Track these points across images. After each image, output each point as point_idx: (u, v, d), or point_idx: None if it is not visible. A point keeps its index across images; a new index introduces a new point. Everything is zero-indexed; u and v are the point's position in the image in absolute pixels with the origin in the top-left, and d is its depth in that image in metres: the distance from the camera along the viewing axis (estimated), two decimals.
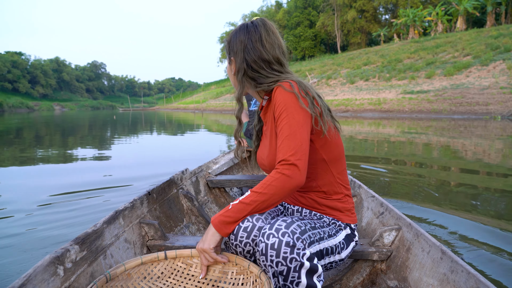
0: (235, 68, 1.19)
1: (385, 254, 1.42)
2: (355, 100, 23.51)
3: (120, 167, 5.07)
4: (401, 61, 28.66)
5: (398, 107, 20.02)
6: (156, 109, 66.17)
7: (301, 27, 56.76)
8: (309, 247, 1.03)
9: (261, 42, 1.15)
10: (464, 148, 6.75)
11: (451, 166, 4.91)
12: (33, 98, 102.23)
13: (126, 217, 1.46)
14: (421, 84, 22.62)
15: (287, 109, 1.05)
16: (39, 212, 2.89)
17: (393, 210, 1.58)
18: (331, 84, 30.33)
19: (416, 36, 41.42)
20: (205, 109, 40.70)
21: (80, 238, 1.15)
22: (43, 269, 0.96)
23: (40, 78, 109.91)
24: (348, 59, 37.29)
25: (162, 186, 1.91)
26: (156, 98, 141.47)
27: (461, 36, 30.53)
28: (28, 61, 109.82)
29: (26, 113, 48.69)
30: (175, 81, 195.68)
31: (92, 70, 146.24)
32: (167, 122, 20.89)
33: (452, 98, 18.58)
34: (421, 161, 5.35)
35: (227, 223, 1.04)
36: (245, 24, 1.19)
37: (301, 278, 0.95)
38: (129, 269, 1.09)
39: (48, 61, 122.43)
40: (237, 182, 2.47)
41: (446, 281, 1.08)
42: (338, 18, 51.37)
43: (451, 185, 3.81)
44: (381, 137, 8.99)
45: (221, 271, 1.12)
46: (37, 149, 7.27)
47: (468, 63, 22.05)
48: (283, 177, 0.99)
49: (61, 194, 3.45)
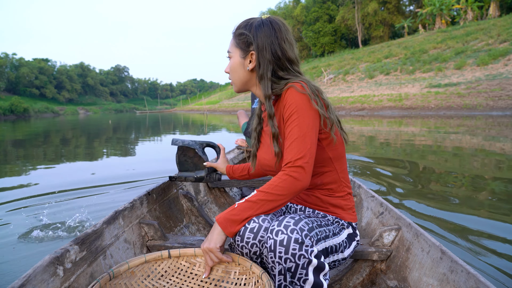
0: (253, 62, 1.17)
1: (385, 254, 1.43)
2: (373, 96, 21.14)
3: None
4: (426, 52, 25.95)
5: (423, 103, 17.43)
6: (173, 111, 67.35)
7: (320, 22, 55.23)
8: (316, 245, 1.04)
9: (286, 40, 1.16)
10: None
11: (462, 166, 4.64)
12: (59, 103, 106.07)
13: (126, 217, 1.47)
14: (450, 76, 19.92)
15: (298, 110, 1.05)
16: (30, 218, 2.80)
17: (393, 210, 1.59)
18: (348, 79, 28.04)
19: (443, 26, 38.65)
20: (216, 110, 40.77)
21: (80, 239, 1.16)
22: (42, 270, 0.97)
23: (65, 83, 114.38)
24: (368, 53, 34.90)
25: (162, 186, 1.90)
26: (178, 100, 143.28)
27: (495, 22, 27.36)
28: (55, 67, 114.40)
29: (52, 117, 50.41)
30: (197, 82, 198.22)
31: (115, 74, 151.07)
32: (175, 122, 20.98)
33: (488, 91, 15.75)
34: (430, 161, 5.06)
35: (233, 221, 1.04)
36: (266, 20, 1.17)
37: (308, 276, 0.96)
38: (133, 267, 1.10)
39: (73, 66, 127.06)
40: (237, 183, 2.46)
41: (446, 281, 1.09)
42: (359, 11, 49.44)
43: (452, 184, 3.75)
44: (402, 138, 7.98)
45: (224, 271, 1.13)
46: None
47: (506, 50, 19.20)
48: (291, 179, 1.01)
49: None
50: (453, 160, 5.15)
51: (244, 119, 3.16)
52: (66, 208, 2.98)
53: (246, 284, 1.08)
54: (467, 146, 6.42)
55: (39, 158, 6.40)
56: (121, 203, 1.53)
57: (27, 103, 74.72)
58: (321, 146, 1.14)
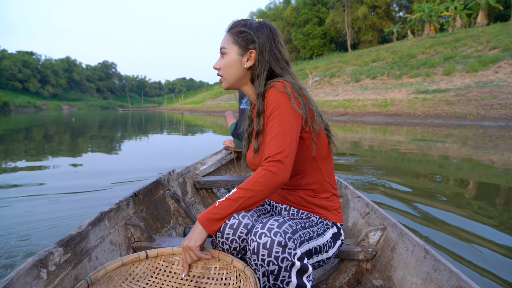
0: (251, 61, 1.18)
1: (370, 253, 1.43)
2: (357, 100, 20.18)
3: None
4: (415, 57, 25.22)
5: (409, 109, 16.49)
6: (157, 109, 66.13)
7: (310, 24, 54.74)
8: (300, 247, 1.04)
9: (281, 44, 1.20)
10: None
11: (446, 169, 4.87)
12: (43, 98, 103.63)
13: (111, 218, 1.44)
14: (438, 82, 19.09)
15: (278, 108, 1.06)
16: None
17: (379, 210, 1.60)
18: (333, 82, 27.12)
19: (432, 33, 38.32)
20: (197, 110, 40.19)
21: (64, 241, 1.14)
22: (25, 273, 0.95)
23: (50, 78, 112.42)
24: (356, 57, 34.13)
25: (148, 187, 1.88)
26: (164, 98, 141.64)
27: (484, 30, 26.85)
28: (39, 61, 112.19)
29: (34, 112, 49.33)
30: (186, 81, 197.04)
31: (102, 70, 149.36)
32: (152, 121, 19.95)
33: (479, 99, 14.86)
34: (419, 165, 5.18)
35: (213, 220, 1.04)
36: (263, 23, 1.20)
37: (291, 278, 0.96)
38: (110, 272, 1.08)
39: (59, 60, 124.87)
40: (224, 183, 2.46)
41: (429, 279, 1.11)
42: (349, 14, 49.18)
43: (436, 184, 3.89)
44: (388, 145, 7.46)
45: (204, 267, 1.13)
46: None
47: (496, 57, 18.46)
48: (270, 174, 1.01)
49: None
50: (437, 166, 5.17)
51: (231, 120, 3.19)
52: (43, 209, 2.84)
53: (227, 278, 1.08)
54: (453, 155, 6.30)
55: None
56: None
57: (8, 96, 72.45)
58: (305, 144, 1.14)
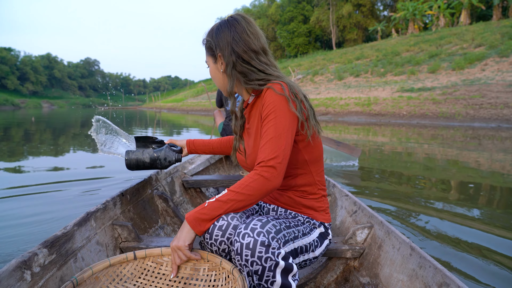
0: (223, 64, 1.18)
1: (357, 251, 1.44)
2: (340, 99, 19.38)
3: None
4: (399, 54, 24.57)
5: (393, 109, 15.71)
6: (138, 108, 64.81)
7: (295, 22, 54.23)
8: (284, 246, 1.04)
9: (247, 33, 1.15)
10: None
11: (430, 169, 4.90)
12: (22, 95, 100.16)
13: (98, 218, 1.43)
14: (423, 80, 18.45)
15: (275, 111, 1.06)
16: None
17: (366, 208, 1.60)
18: (316, 80, 26.28)
19: (416, 31, 38.14)
20: (176, 109, 39.85)
21: (49, 241, 1.12)
22: (8, 274, 0.93)
23: (30, 75, 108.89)
24: (340, 54, 33.39)
25: (136, 186, 1.86)
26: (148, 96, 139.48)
27: (468, 28, 26.44)
28: (18, 57, 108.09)
29: (12, 111, 47.66)
30: (171, 79, 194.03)
31: (85, 67, 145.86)
32: (131, 120, 19.32)
33: (467, 98, 14.18)
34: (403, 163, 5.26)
35: (202, 220, 1.03)
36: (224, 21, 1.19)
37: (276, 278, 0.96)
38: (97, 272, 1.06)
39: (39, 57, 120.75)
40: (213, 182, 2.45)
41: (415, 276, 1.12)
42: (333, 13, 48.73)
43: (422, 184, 3.92)
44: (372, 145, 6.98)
45: (193, 268, 1.12)
46: None
47: (482, 54, 17.99)
48: (262, 179, 1.00)
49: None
50: (423, 167, 5.12)
51: (220, 119, 3.23)
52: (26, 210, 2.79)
53: (216, 280, 1.07)
54: (440, 157, 6.08)
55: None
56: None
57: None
58: (298, 148, 1.15)
